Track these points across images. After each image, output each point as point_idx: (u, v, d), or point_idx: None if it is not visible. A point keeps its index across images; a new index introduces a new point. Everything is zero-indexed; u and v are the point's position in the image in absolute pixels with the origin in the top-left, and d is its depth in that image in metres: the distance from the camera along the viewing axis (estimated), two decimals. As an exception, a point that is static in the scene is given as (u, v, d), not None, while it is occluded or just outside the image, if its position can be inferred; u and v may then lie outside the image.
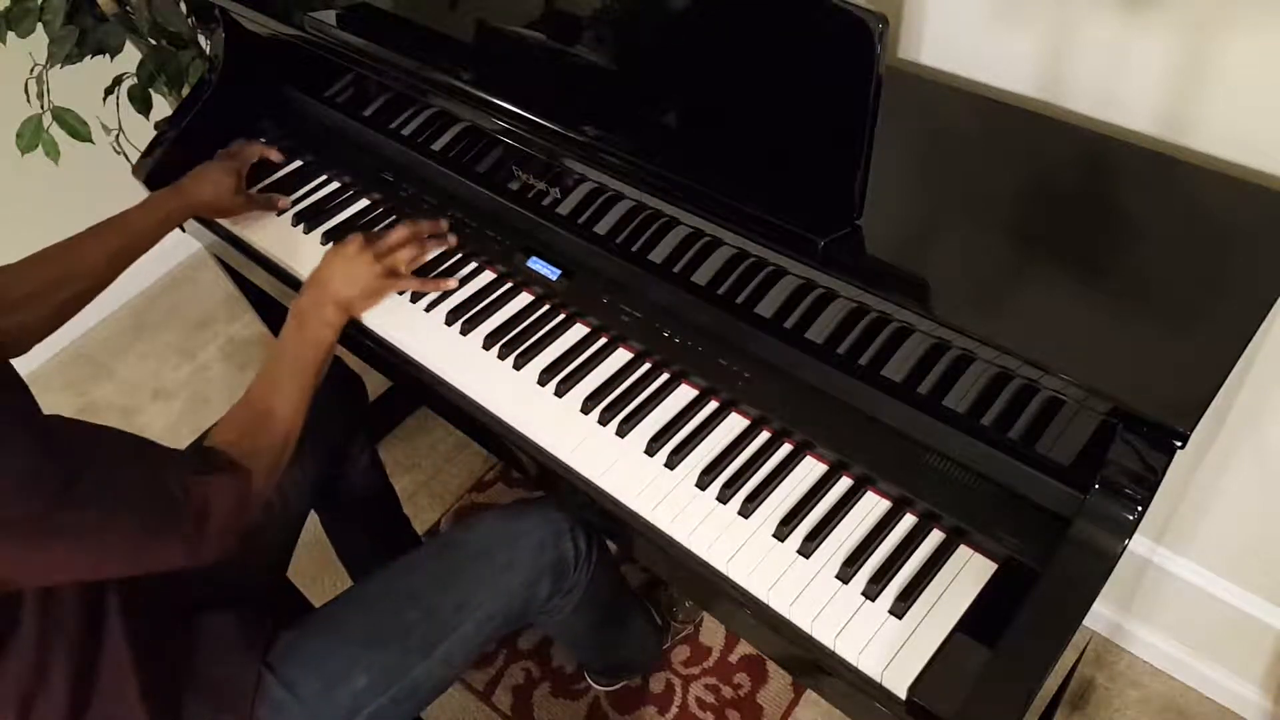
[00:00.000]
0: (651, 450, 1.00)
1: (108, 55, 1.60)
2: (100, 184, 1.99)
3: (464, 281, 1.21)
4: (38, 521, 0.71)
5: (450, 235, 1.23)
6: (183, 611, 0.98)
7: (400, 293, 1.18)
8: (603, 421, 1.03)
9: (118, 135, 1.66)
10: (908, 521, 0.92)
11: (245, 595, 1.05)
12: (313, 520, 1.33)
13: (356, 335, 1.22)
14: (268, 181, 1.40)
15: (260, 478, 0.93)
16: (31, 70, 1.52)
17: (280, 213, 1.34)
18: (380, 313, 1.19)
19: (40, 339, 1.11)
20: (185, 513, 0.82)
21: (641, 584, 1.59)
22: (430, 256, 1.21)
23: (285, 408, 1.01)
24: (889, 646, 0.83)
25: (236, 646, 0.97)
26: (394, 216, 1.31)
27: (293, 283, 1.30)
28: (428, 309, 1.18)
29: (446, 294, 1.19)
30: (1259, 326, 0.80)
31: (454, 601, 1.03)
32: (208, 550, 0.85)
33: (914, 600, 0.85)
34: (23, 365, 2.29)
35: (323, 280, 1.12)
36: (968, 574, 0.87)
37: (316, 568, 1.71)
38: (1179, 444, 0.75)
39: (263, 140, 1.43)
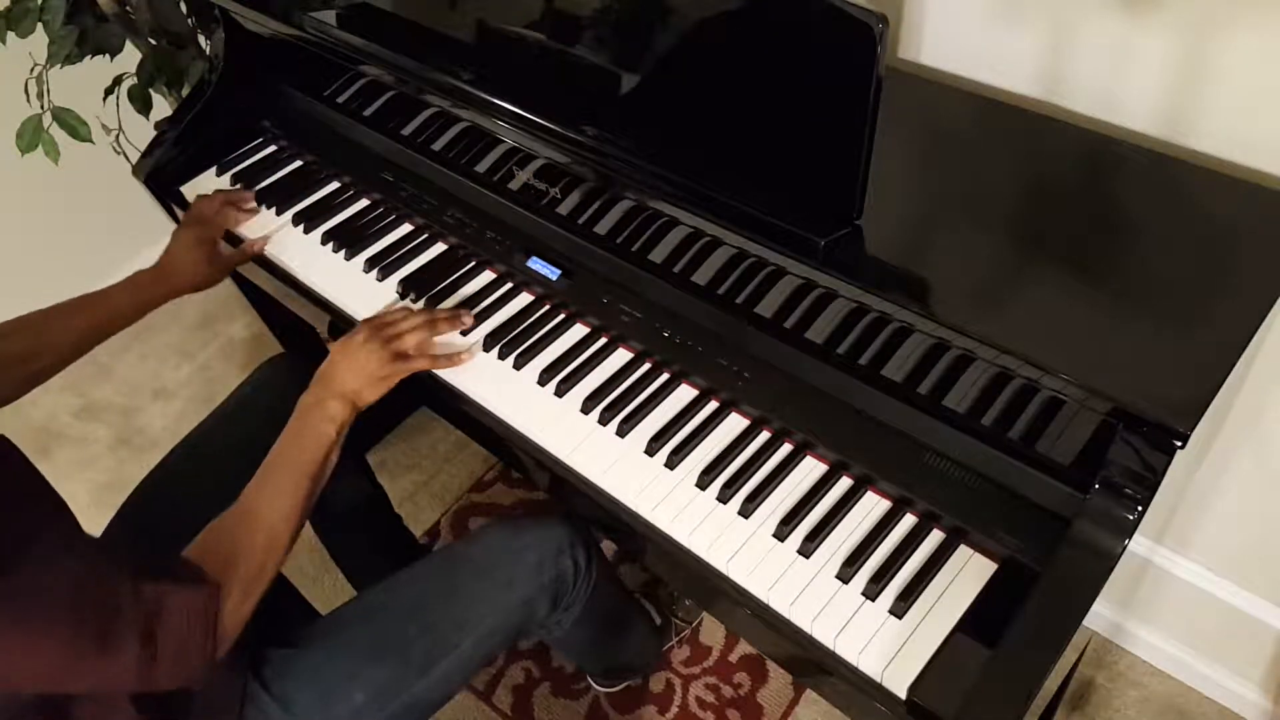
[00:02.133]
0: (652, 450, 1.00)
1: (108, 55, 1.61)
2: (100, 184, 2.00)
3: (464, 281, 1.21)
4: None
5: (467, 317, 1.15)
6: None
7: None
8: (603, 421, 1.03)
9: (118, 135, 1.66)
10: (908, 521, 0.92)
11: None
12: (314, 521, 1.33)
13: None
14: (267, 182, 1.40)
15: (234, 594, 0.83)
16: (31, 70, 1.52)
17: (256, 257, 1.32)
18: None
19: (6, 404, 1.07)
20: (132, 627, 0.73)
21: (641, 583, 1.59)
22: (441, 337, 1.13)
23: (272, 512, 0.92)
24: (889, 646, 0.83)
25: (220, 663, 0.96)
26: (393, 216, 1.31)
27: (293, 283, 1.30)
28: (428, 309, 1.18)
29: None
30: (1259, 326, 0.80)
31: (453, 619, 1.02)
32: (162, 674, 0.76)
33: (914, 600, 0.85)
34: (23, 365, 2.20)
35: (327, 374, 1.05)
36: (968, 574, 0.87)
37: (317, 568, 1.71)
38: (1179, 444, 0.75)
39: (231, 186, 1.42)
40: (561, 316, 1.15)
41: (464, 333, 1.14)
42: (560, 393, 1.07)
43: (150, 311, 1.22)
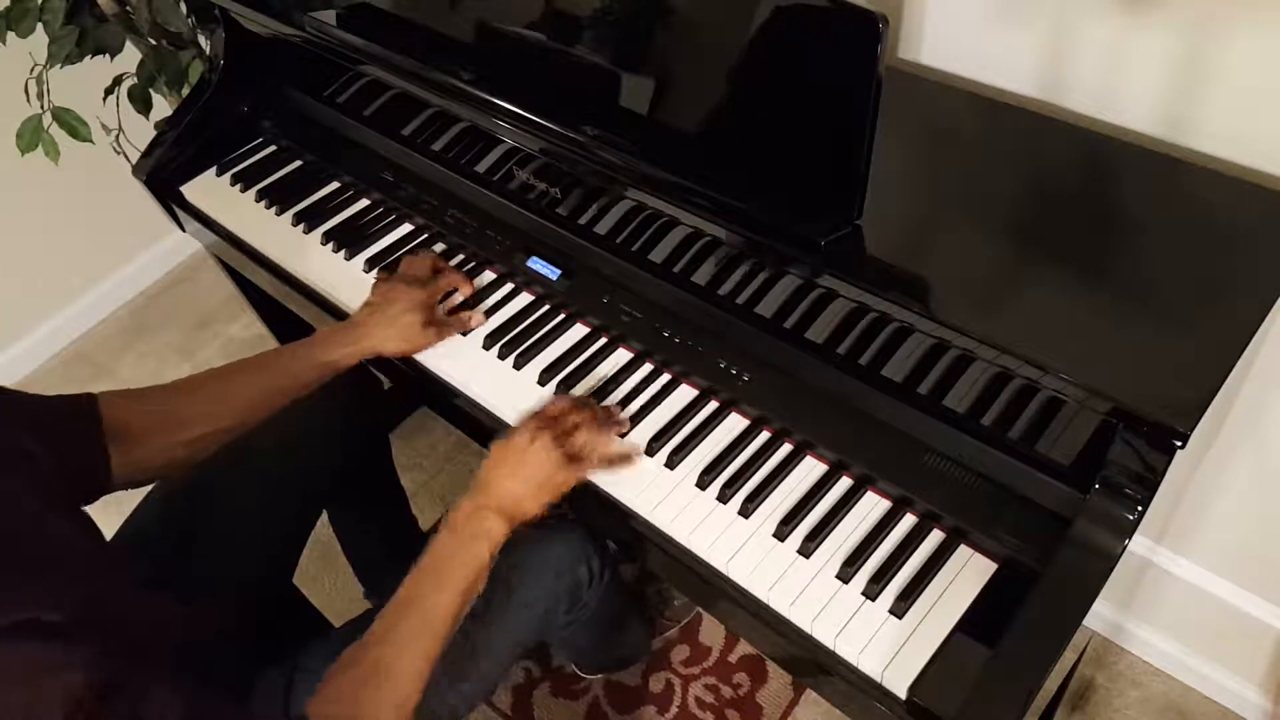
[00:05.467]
0: (652, 450, 1.00)
1: (108, 55, 1.60)
2: (100, 184, 2.00)
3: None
4: None
5: (622, 416, 1.03)
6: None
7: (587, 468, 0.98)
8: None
9: (118, 135, 1.66)
10: (908, 521, 0.92)
11: (248, 606, 1.05)
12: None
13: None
14: (266, 182, 1.40)
15: None
16: (31, 70, 1.52)
17: (467, 332, 1.15)
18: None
19: (163, 475, 0.98)
20: None
21: (632, 579, 1.59)
22: (613, 437, 1.01)
23: (408, 666, 0.80)
24: (889, 646, 0.83)
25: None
26: (393, 216, 1.31)
27: (293, 283, 1.30)
28: (428, 309, 1.18)
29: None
30: (1259, 326, 0.80)
31: (474, 643, 1.00)
32: None
33: (914, 600, 0.85)
34: (23, 365, 2.29)
35: (489, 481, 0.92)
36: (968, 574, 0.87)
37: (317, 568, 1.71)
38: (1179, 444, 0.75)
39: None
40: (562, 316, 1.15)
41: (622, 434, 1.03)
42: (560, 393, 1.07)
43: (337, 372, 1.08)
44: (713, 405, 1.03)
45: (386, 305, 1.10)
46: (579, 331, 1.13)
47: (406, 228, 1.30)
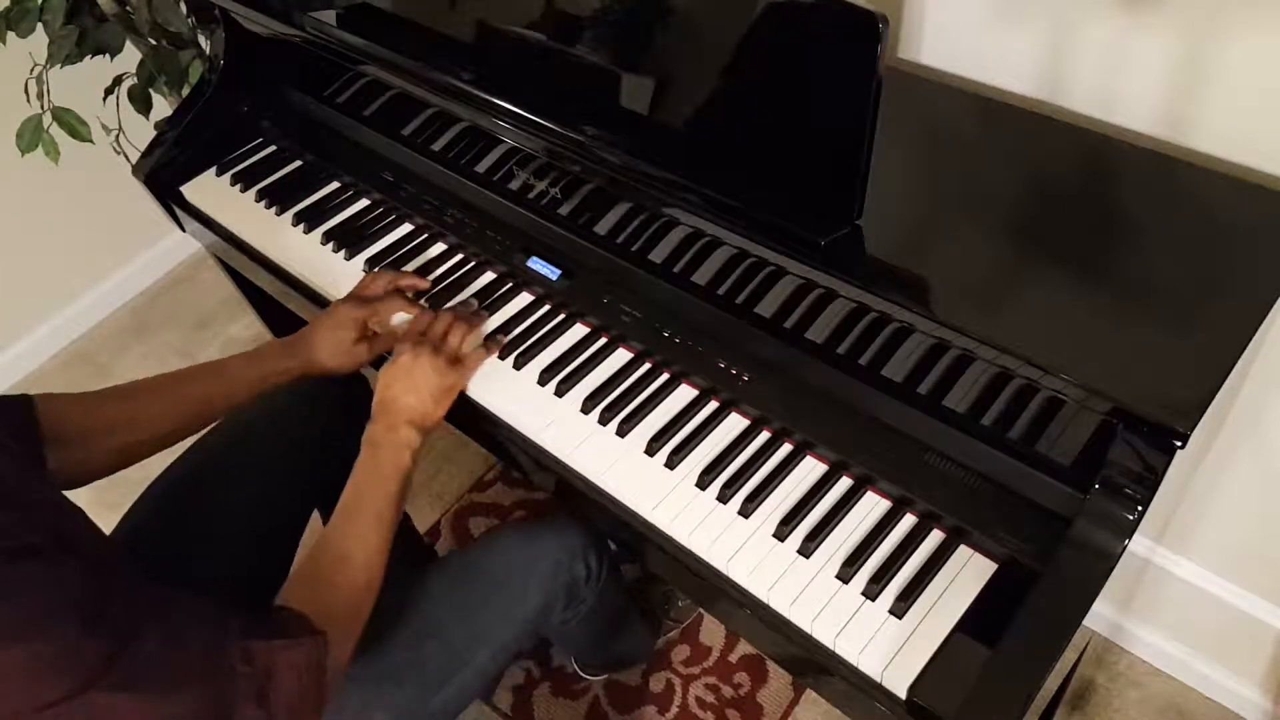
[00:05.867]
0: (652, 450, 1.00)
1: (108, 55, 1.61)
2: (100, 184, 2.00)
3: (464, 281, 1.21)
4: (74, 703, 0.63)
5: (483, 311, 1.14)
6: None
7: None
8: (603, 421, 1.03)
9: (118, 135, 1.66)
10: (908, 521, 0.92)
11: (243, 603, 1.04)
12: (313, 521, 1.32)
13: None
14: (266, 182, 1.40)
15: (337, 639, 0.82)
16: (31, 70, 1.53)
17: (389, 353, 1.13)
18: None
19: (100, 477, 0.99)
20: (248, 691, 0.72)
21: (635, 580, 1.59)
22: (481, 330, 1.12)
23: (362, 552, 0.90)
24: (889, 646, 0.83)
25: None
26: (393, 216, 1.31)
27: (293, 282, 1.30)
28: (427, 309, 1.18)
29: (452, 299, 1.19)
30: (1259, 326, 0.80)
31: (470, 634, 1.01)
32: None
33: (914, 600, 0.85)
34: (23, 365, 2.29)
35: (387, 401, 1.00)
36: (968, 574, 0.87)
37: (316, 568, 1.71)
38: (1179, 444, 0.75)
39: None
40: (561, 316, 1.15)
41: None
42: (560, 393, 1.07)
43: (271, 386, 1.10)
44: (713, 405, 1.03)
45: (321, 321, 1.13)
46: (579, 331, 1.13)
47: (406, 228, 1.30)
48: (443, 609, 1.03)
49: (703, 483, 0.97)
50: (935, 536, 0.90)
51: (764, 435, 1.00)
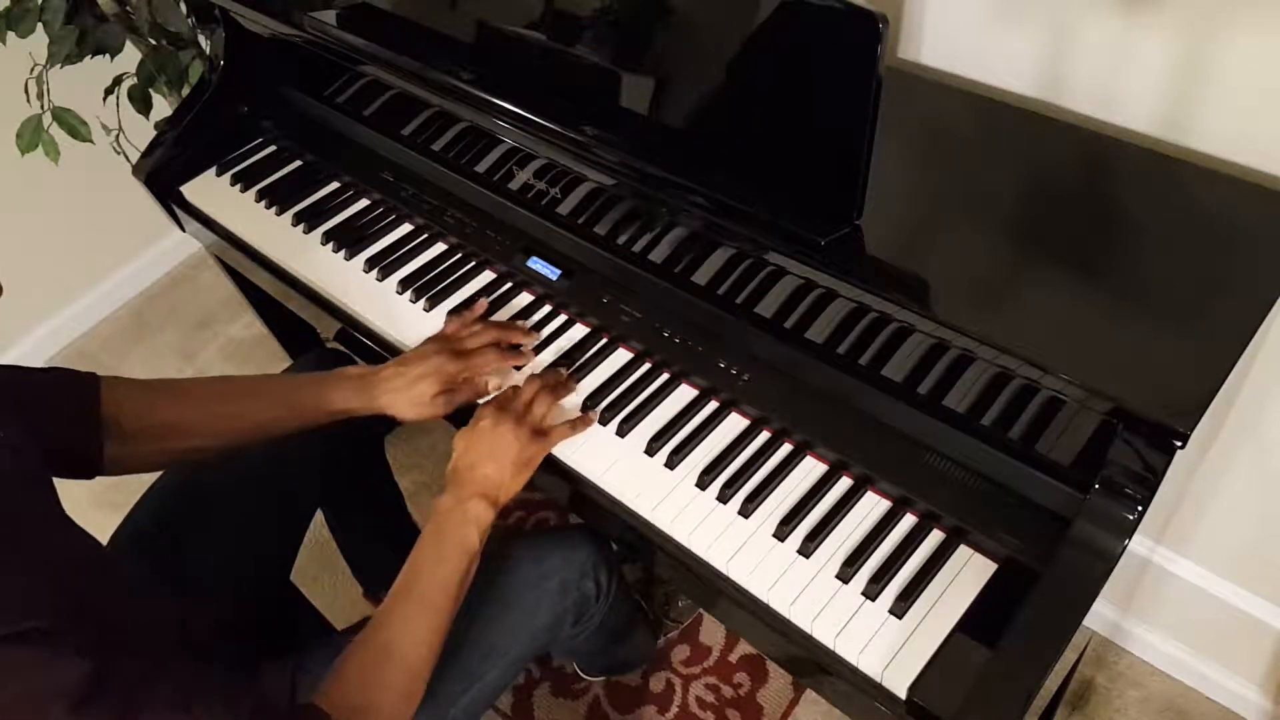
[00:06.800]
0: (652, 450, 1.00)
1: (108, 55, 1.60)
2: (100, 184, 2.00)
3: (464, 281, 1.21)
4: None
5: (570, 381, 1.06)
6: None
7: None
8: (603, 421, 1.03)
9: (118, 135, 1.66)
10: (908, 521, 0.92)
11: (245, 604, 1.04)
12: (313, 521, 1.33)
13: (355, 335, 1.22)
14: (266, 182, 1.40)
15: None
16: (31, 70, 1.52)
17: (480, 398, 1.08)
18: (380, 313, 1.19)
19: (144, 473, 0.98)
20: None
21: (636, 580, 1.59)
22: (565, 402, 1.04)
23: (411, 644, 0.83)
24: (889, 646, 0.83)
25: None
26: (393, 216, 1.31)
27: (293, 282, 1.30)
28: (428, 310, 1.18)
29: (459, 301, 1.19)
30: (1259, 326, 0.80)
31: (480, 652, 1.00)
32: None
33: (914, 600, 0.85)
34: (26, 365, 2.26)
35: (462, 469, 0.94)
36: (968, 574, 0.87)
37: (316, 567, 1.71)
38: (1179, 444, 0.75)
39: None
40: (562, 317, 1.15)
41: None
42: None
43: (339, 419, 1.04)
44: (713, 405, 1.03)
45: (409, 366, 1.04)
46: (579, 331, 1.13)
47: (406, 228, 1.30)
48: (455, 628, 0.98)
49: (703, 483, 0.97)
50: (935, 536, 0.90)
51: (764, 435, 1.00)
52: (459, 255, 1.24)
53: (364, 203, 1.35)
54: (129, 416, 0.92)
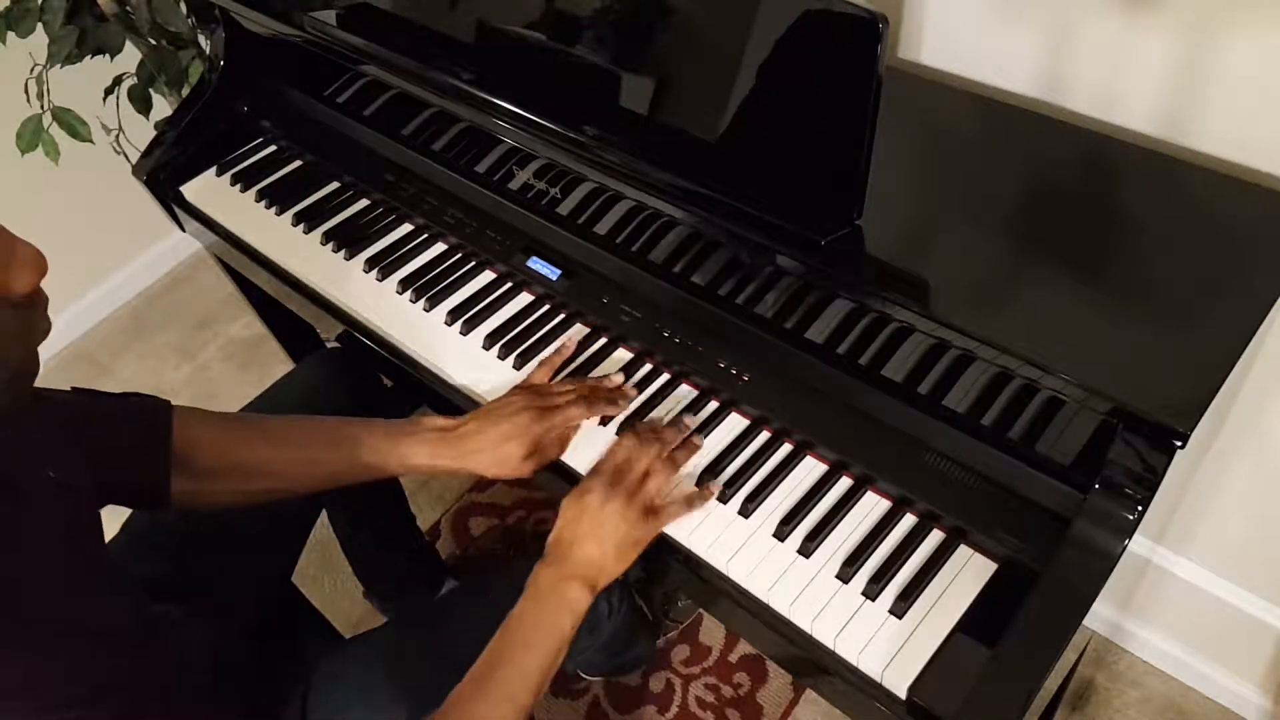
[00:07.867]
0: (651, 450, 1.00)
1: (108, 55, 1.61)
2: (100, 184, 2.00)
3: (464, 281, 1.21)
4: None
5: (696, 437, 0.99)
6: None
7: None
8: (603, 422, 1.03)
9: (118, 135, 1.66)
10: (908, 521, 0.91)
11: (248, 606, 1.04)
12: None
13: (356, 336, 1.22)
14: (266, 182, 1.40)
15: None
16: (31, 70, 1.53)
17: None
18: (380, 313, 1.19)
19: (213, 511, 0.95)
20: None
21: (636, 580, 1.60)
22: (681, 473, 0.97)
23: None
24: (889, 646, 0.83)
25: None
26: (393, 216, 1.31)
27: (293, 283, 1.30)
28: (428, 309, 1.18)
29: (460, 300, 1.19)
30: (1259, 326, 0.80)
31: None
32: None
33: (914, 600, 0.85)
34: (23, 365, 2.21)
35: (565, 545, 0.88)
36: (968, 574, 0.87)
37: (317, 568, 1.71)
38: (1179, 444, 0.75)
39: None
40: (561, 316, 1.15)
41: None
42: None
43: (413, 474, 1.00)
44: (713, 405, 1.03)
45: (494, 422, 0.97)
46: (579, 331, 1.13)
47: (406, 227, 1.30)
48: (464, 642, 0.95)
49: (702, 482, 0.96)
50: (935, 536, 0.90)
51: (764, 435, 1.00)
52: (459, 255, 1.24)
53: (364, 203, 1.35)
54: (205, 454, 0.89)
